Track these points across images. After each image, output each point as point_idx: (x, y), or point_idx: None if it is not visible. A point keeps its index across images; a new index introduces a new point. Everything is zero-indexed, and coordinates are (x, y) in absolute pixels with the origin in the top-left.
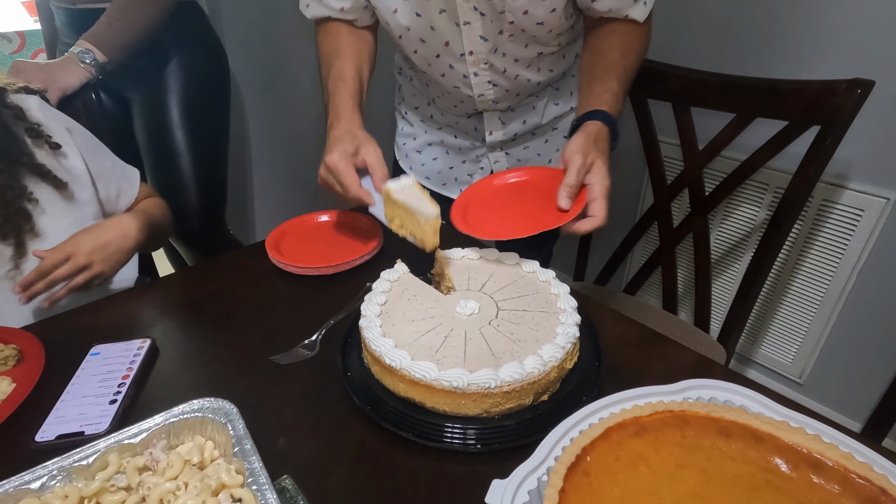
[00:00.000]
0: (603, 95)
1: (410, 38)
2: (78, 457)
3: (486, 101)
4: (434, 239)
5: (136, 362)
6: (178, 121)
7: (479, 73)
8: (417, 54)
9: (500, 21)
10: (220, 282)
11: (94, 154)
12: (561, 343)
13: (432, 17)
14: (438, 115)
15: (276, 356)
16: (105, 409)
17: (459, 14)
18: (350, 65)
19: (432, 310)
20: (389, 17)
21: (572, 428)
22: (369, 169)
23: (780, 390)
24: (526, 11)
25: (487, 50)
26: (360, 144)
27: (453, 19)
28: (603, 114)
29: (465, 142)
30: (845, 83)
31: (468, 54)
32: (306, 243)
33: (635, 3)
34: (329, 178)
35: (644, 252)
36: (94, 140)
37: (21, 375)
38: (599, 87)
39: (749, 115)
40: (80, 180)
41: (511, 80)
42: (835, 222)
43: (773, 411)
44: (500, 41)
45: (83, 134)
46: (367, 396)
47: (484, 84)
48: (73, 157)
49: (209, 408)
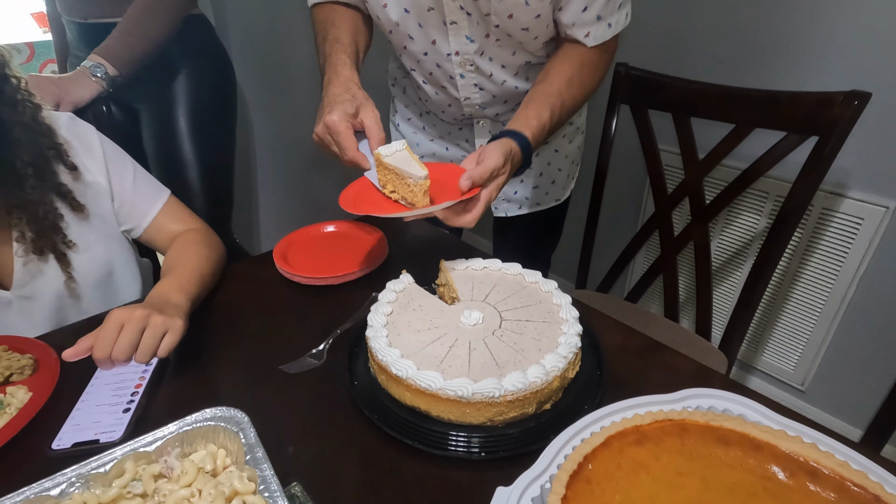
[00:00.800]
0: (532, 121)
1: (399, 33)
2: (95, 464)
3: (473, 105)
4: (424, 200)
5: (147, 371)
6: (185, 131)
7: (466, 75)
8: (407, 51)
9: (486, 24)
10: (228, 291)
11: (119, 167)
12: (563, 353)
13: (421, 14)
14: (430, 127)
15: (285, 365)
16: (119, 417)
17: (446, 13)
18: (346, 31)
19: (437, 320)
20: (380, 12)
21: (574, 436)
22: (367, 132)
23: (782, 397)
24: (511, 15)
25: (474, 51)
26: (360, 106)
27: (441, 18)
28: (525, 140)
29: (457, 153)
30: (842, 95)
31: (454, 55)
32: (313, 253)
33: (598, 21)
34: (326, 137)
35: (646, 260)
36: (121, 154)
37: (37, 384)
38: (533, 111)
39: (748, 125)
40: (100, 196)
41: (498, 85)
42: (835, 230)
43: (770, 420)
44: (486, 45)
45: (111, 148)
46: (373, 405)
47: (470, 87)
48: (96, 174)
49: (221, 417)
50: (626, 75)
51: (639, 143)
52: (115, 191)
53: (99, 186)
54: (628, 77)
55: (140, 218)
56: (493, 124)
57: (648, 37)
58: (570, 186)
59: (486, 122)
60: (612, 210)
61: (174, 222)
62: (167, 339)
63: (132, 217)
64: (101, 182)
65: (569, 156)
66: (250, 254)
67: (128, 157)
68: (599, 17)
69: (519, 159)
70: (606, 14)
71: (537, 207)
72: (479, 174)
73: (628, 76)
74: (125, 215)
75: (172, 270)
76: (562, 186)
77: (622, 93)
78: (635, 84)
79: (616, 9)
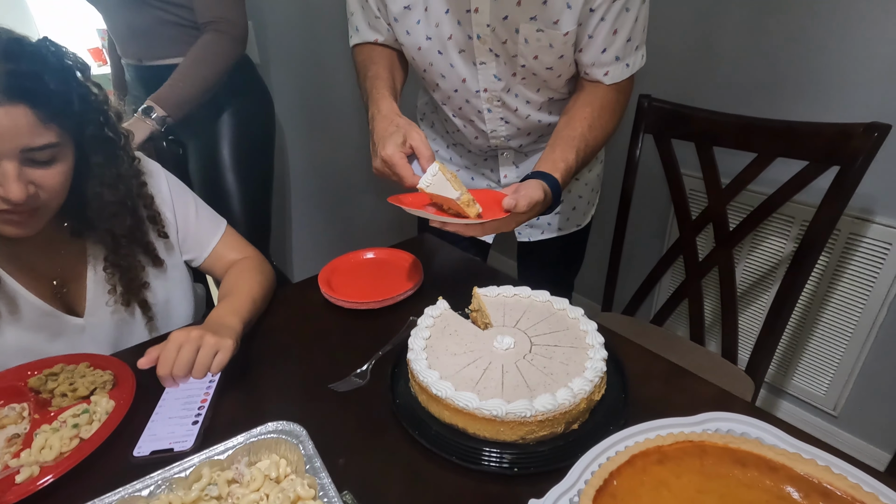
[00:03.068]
0: (559, 164)
1: (433, 72)
2: (177, 469)
3: (499, 137)
4: (473, 210)
5: (211, 387)
6: (229, 164)
7: (493, 110)
8: (439, 88)
9: (513, 64)
10: (278, 315)
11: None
12: (589, 377)
13: (452, 56)
14: (457, 158)
15: (333, 384)
16: (189, 428)
17: (476, 55)
18: (384, 68)
19: (472, 344)
20: (415, 54)
21: (601, 454)
22: (416, 153)
23: (814, 422)
24: (536, 56)
25: (501, 89)
26: (406, 132)
27: (471, 59)
28: (555, 181)
29: (481, 182)
30: (862, 127)
31: (483, 91)
32: (354, 278)
33: (616, 62)
34: (385, 170)
35: (671, 283)
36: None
37: (117, 398)
38: (559, 155)
39: (770, 154)
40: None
41: (522, 119)
42: (863, 255)
43: (786, 443)
44: (512, 83)
45: (175, 184)
46: (414, 422)
47: (497, 120)
48: (164, 209)
49: (282, 430)
50: (650, 107)
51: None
52: (179, 224)
53: (166, 220)
54: (651, 108)
55: (201, 248)
56: (516, 155)
57: (671, 68)
58: (590, 213)
59: (510, 153)
60: (637, 234)
61: (231, 251)
62: (219, 357)
63: (195, 248)
64: (168, 217)
65: (588, 183)
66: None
67: (189, 191)
68: (618, 58)
69: (549, 199)
70: (624, 55)
71: (559, 233)
72: (524, 199)
73: (651, 107)
74: (188, 246)
75: (228, 296)
76: (582, 212)
77: (646, 123)
78: (658, 115)
79: (633, 50)
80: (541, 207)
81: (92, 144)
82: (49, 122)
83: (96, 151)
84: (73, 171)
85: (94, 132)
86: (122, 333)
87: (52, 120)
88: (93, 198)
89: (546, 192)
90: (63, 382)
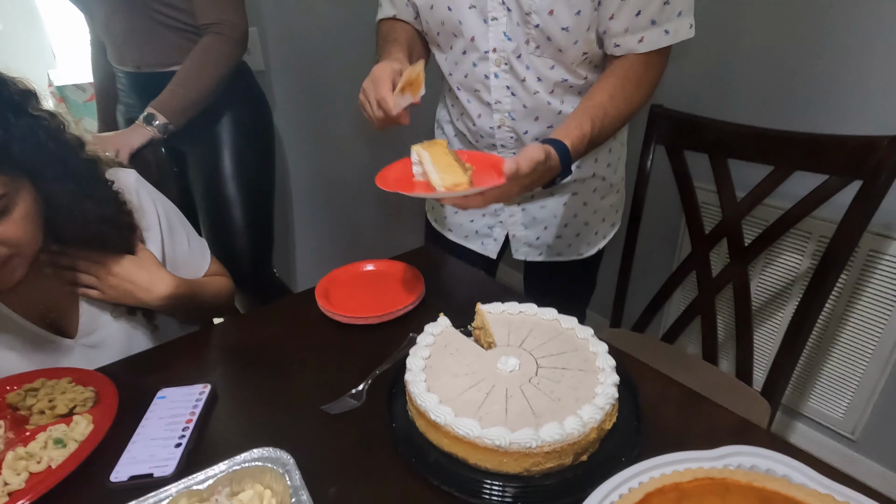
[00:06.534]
0: (573, 131)
1: (444, 32)
2: (153, 500)
3: (504, 111)
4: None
5: (198, 407)
6: (230, 172)
7: (500, 75)
8: (450, 50)
9: (526, 24)
10: (271, 329)
11: (173, 233)
12: (600, 404)
13: (462, 10)
14: None
15: (326, 405)
16: (171, 451)
17: (488, 9)
18: (403, 37)
19: (474, 365)
20: (427, 15)
21: (612, 491)
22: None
23: (832, 447)
24: (551, 11)
25: (511, 50)
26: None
27: (482, 15)
28: (564, 147)
29: None
30: (887, 139)
31: (491, 52)
32: (353, 291)
33: (653, 27)
34: (369, 86)
35: (683, 299)
36: (177, 215)
37: (98, 416)
38: (574, 122)
39: (788, 167)
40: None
41: (529, 94)
42: (884, 272)
43: (817, 483)
44: (524, 50)
45: (169, 211)
46: (412, 448)
47: (502, 89)
48: (152, 244)
49: (268, 457)
50: (662, 116)
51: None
52: (167, 256)
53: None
54: (664, 118)
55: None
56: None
57: (685, 77)
58: (597, 244)
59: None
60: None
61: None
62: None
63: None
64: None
65: (598, 212)
66: (290, 288)
67: (181, 223)
68: (654, 22)
69: (557, 164)
70: (662, 20)
71: (557, 258)
72: (525, 161)
73: (664, 117)
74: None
75: None
76: (587, 242)
77: (657, 134)
78: (671, 125)
79: (674, 16)
80: (543, 169)
81: (53, 178)
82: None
83: (59, 183)
84: (37, 211)
85: (53, 167)
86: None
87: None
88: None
89: (549, 153)
90: (42, 399)
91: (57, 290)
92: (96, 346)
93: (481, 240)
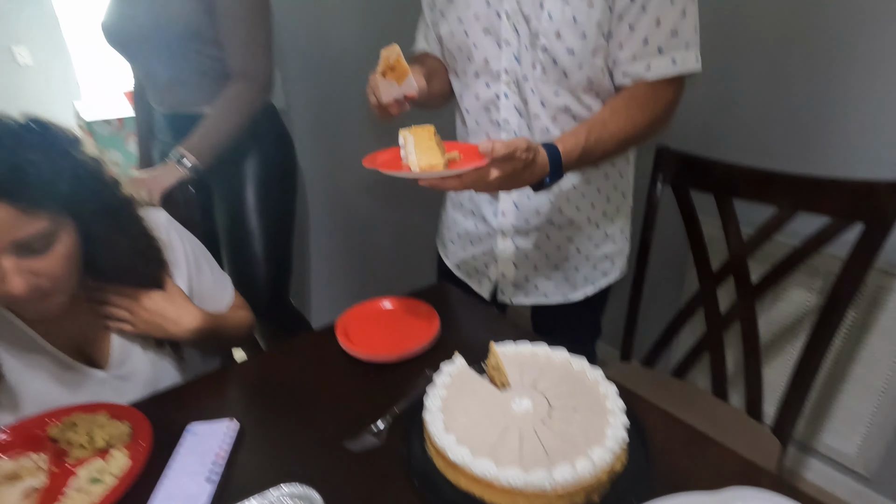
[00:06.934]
0: (569, 138)
1: (460, 57)
2: None
3: (510, 131)
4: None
5: (226, 442)
6: (252, 207)
7: (509, 95)
8: (464, 74)
9: (534, 46)
10: (292, 366)
11: (199, 269)
12: (610, 446)
13: (477, 35)
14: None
15: (348, 442)
16: (203, 486)
17: (501, 33)
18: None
19: (489, 405)
20: (447, 40)
21: None
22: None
23: (845, 483)
24: (558, 33)
25: (519, 72)
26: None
27: (495, 39)
28: (555, 149)
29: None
30: (887, 184)
31: (503, 73)
32: (371, 329)
33: (660, 55)
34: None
35: (692, 334)
36: (202, 251)
37: (133, 451)
38: (571, 131)
39: (790, 208)
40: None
41: (532, 118)
42: (893, 308)
43: None
44: (531, 74)
45: (195, 247)
46: (431, 487)
47: (510, 108)
48: (179, 279)
49: (297, 494)
50: (668, 157)
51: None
52: (194, 291)
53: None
54: (670, 158)
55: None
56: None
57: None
58: (584, 290)
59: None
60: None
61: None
62: None
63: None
64: (183, 286)
65: (590, 259)
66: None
67: (206, 259)
68: (661, 51)
69: (544, 162)
70: (669, 49)
71: (543, 300)
72: (501, 143)
73: (670, 157)
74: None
75: None
76: (572, 285)
77: (663, 174)
78: (677, 165)
79: (682, 47)
80: (526, 159)
81: (92, 216)
82: (35, 210)
83: (98, 221)
84: (78, 247)
85: (93, 206)
86: (156, 377)
87: (38, 207)
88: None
89: (532, 146)
90: (81, 433)
91: (91, 323)
92: (126, 377)
93: (479, 278)
